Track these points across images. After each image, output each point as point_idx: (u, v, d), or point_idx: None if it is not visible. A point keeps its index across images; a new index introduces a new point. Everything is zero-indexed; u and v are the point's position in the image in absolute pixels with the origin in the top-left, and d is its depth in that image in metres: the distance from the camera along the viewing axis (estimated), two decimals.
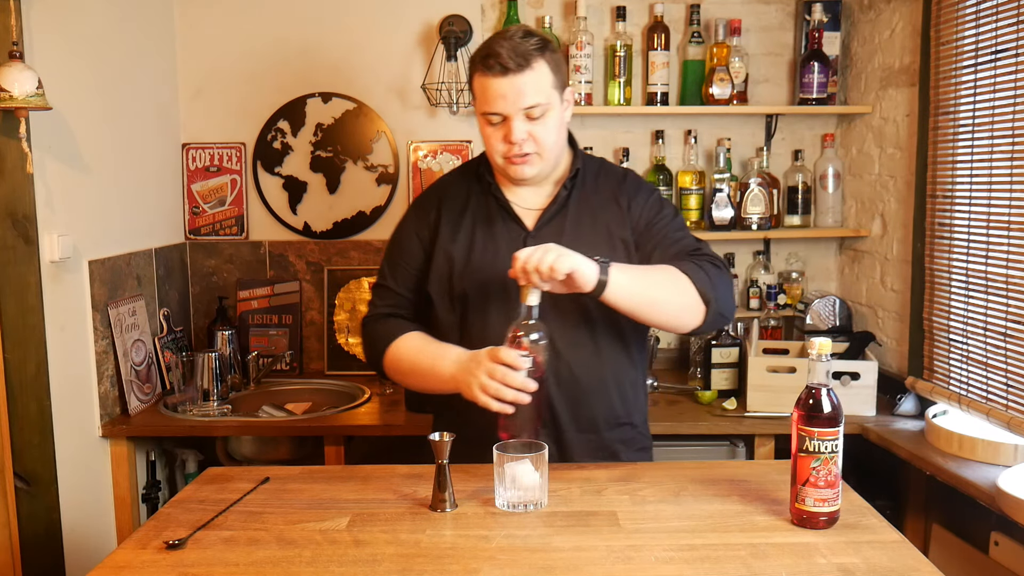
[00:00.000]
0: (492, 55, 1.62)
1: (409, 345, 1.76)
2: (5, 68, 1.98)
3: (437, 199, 1.84)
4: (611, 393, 1.79)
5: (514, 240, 1.75)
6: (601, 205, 1.78)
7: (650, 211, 1.79)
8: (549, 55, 1.66)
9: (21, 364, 2.14)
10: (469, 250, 1.77)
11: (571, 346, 1.73)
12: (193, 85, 3.05)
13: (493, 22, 3.03)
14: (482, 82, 1.66)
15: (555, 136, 1.70)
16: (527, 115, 1.65)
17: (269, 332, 3.07)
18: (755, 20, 3.04)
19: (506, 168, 1.71)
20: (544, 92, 1.65)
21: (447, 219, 1.80)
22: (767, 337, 2.96)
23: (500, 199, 1.77)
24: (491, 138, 1.69)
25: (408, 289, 1.84)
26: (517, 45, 1.62)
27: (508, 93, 1.63)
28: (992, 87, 2.24)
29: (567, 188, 1.77)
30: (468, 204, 1.81)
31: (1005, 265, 2.21)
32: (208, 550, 1.38)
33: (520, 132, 1.65)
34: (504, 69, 1.62)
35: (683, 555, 1.34)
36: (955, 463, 2.13)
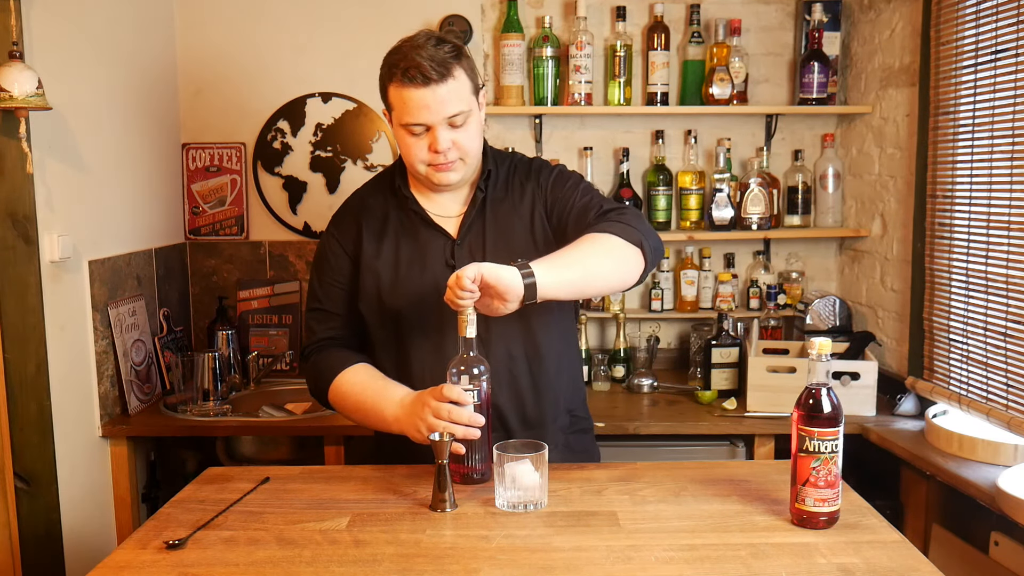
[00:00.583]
0: (413, 66, 1.59)
1: (353, 380, 1.73)
2: (5, 68, 1.98)
3: (356, 215, 1.81)
4: (555, 387, 1.80)
5: (440, 249, 1.74)
6: (516, 202, 1.77)
7: (555, 188, 1.77)
8: (464, 61, 1.65)
9: (21, 364, 2.14)
10: (395, 266, 1.75)
11: (504, 340, 1.73)
12: (193, 85, 3.05)
13: (493, 22, 3.03)
14: (401, 93, 1.62)
15: (477, 142, 1.70)
16: (450, 123, 1.63)
17: (269, 332, 3.07)
18: (755, 20, 3.04)
19: (429, 176, 1.69)
20: (465, 99, 1.64)
21: (368, 236, 1.77)
22: (767, 337, 2.96)
23: (419, 212, 1.76)
24: (412, 147, 1.66)
25: (343, 309, 1.80)
26: (434, 54, 1.59)
27: (431, 103, 1.60)
28: (992, 87, 2.24)
29: (482, 190, 1.76)
30: (388, 219, 1.79)
31: (1005, 265, 2.21)
32: (208, 550, 1.38)
33: (445, 141, 1.63)
34: (426, 79, 1.59)
35: (683, 555, 1.34)
36: (955, 463, 2.13)
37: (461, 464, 1.59)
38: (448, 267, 1.73)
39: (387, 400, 1.66)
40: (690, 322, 3.07)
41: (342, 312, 1.80)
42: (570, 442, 1.85)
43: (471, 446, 1.58)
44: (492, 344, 1.72)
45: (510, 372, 1.75)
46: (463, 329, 1.54)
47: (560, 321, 1.83)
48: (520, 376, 1.76)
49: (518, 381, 1.76)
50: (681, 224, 3.03)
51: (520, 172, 1.81)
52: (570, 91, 2.95)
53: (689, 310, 3.04)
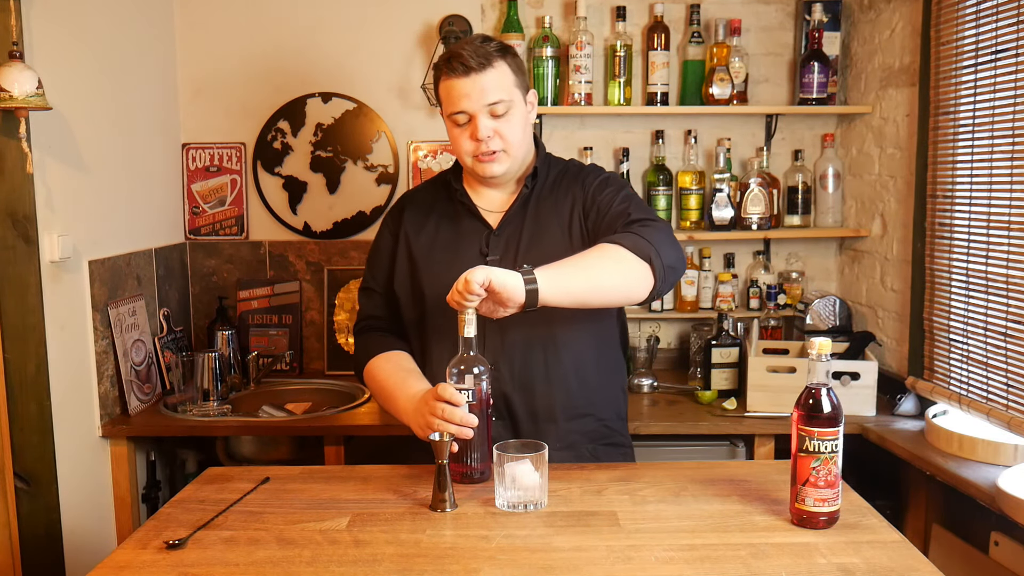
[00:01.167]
0: (455, 56, 1.68)
1: (381, 368, 1.81)
2: (5, 68, 1.98)
3: (403, 203, 1.92)
4: (569, 382, 1.78)
5: (477, 238, 1.79)
6: (558, 202, 1.81)
7: (596, 191, 1.80)
8: (510, 58, 1.73)
9: (21, 364, 2.14)
10: (431, 249, 1.82)
11: (523, 333, 1.74)
12: (193, 85, 3.05)
13: (493, 22, 3.03)
14: (447, 85, 1.71)
15: (520, 134, 1.74)
16: (491, 112, 1.70)
17: (269, 332, 3.07)
18: (755, 20, 3.04)
19: (475, 167, 1.75)
20: (506, 89, 1.70)
21: (411, 219, 1.87)
22: (767, 337, 2.96)
23: (466, 202, 1.82)
24: (459, 139, 1.74)
25: (386, 288, 1.89)
26: (478, 48, 1.69)
27: (472, 92, 1.68)
28: (992, 87, 2.24)
29: (528, 187, 1.80)
30: (434, 207, 1.87)
31: (1005, 265, 2.21)
32: (208, 550, 1.38)
33: (486, 129, 1.69)
34: (467, 68, 1.67)
35: (683, 555, 1.34)
36: (955, 463, 2.13)
37: (460, 463, 1.60)
38: (482, 255, 1.77)
39: (403, 394, 1.71)
40: (690, 322, 3.07)
41: (381, 292, 1.89)
42: (598, 453, 1.83)
43: (469, 445, 1.58)
44: (510, 329, 1.73)
45: (524, 358, 1.76)
46: (463, 329, 1.55)
47: (593, 323, 1.81)
48: (533, 365, 1.76)
49: (530, 370, 1.76)
50: (681, 224, 3.03)
51: (570, 175, 1.85)
52: (570, 91, 2.95)
53: (689, 310, 3.04)
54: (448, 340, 1.71)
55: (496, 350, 1.75)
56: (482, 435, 1.59)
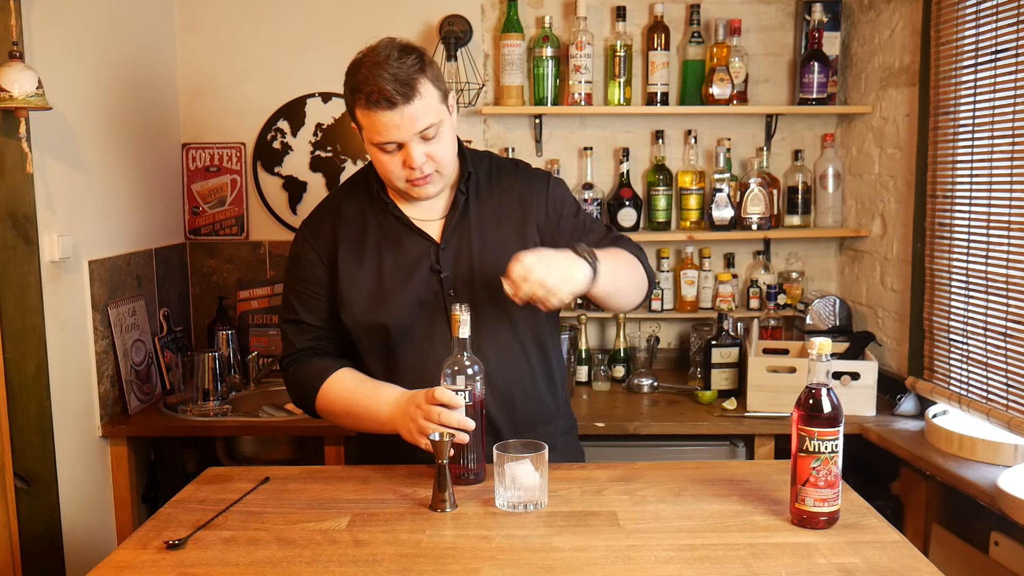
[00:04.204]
0: (375, 90, 1.54)
1: (342, 386, 1.71)
2: (5, 68, 1.98)
3: (331, 223, 1.76)
4: (542, 390, 1.80)
5: (425, 255, 1.72)
6: (503, 204, 1.76)
7: (558, 205, 1.78)
8: (429, 71, 1.59)
9: (21, 364, 2.14)
10: (379, 275, 1.71)
11: (499, 353, 1.72)
12: (193, 85, 3.05)
13: (493, 22, 3.03)
14: (369, 117, 1.58)
15: (451, 150, 1.67)
16: (422, 137, 1.60)
17: (269, 332, 3.07)
18: (755, 20, 3.04)
19: (408, 191, 1.67)
20: (434, 112, 1.60)
21: (346, 245, 1.73)
22: (767, 337, 2.96)
23: (400, 217, 1.73)
24: (387, 164, 1.63)
25: (322, 320, 1.76)
26: (397, 72, 1.54)
27: (401, 123, 1.57)
28: (992, 87, 2.24)
29: (463, 192, 1.74)
30: (366, 225, 1.74)
31: (1005, 265, 2.21)
32: (208, 550, 1.38)
33: (419, 157, 1.60)
34: (392, 104, 1.55)
35: (683, 555, 1.34)
36: (955, 463, 2.13)
37: (456, 464, 1.59)
38: (434, 272, 1.71)
39: (381, 401, 1.65)
40: (690, 322, 3.07)
41: (320, 323, 1.76)
42: (560, 443, 1.84)
43: (466, 446, 1.58)
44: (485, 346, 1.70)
45: (503, 374, 1.73)
46: (456, 330, 1.55)
47: (552, 324, 1.84)
48: (512, 379, 1.75)
49: (510, 384, 1.74)
50: (681, 224, 3.03)
51: (506, 173, 1.79)
52: (570, 91, 2.95)
53: (689, 310, 3.04)
54: (417, 358, 1.69)
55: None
56: (477, 436, 1.59)
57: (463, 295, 1.70)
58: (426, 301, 1.70)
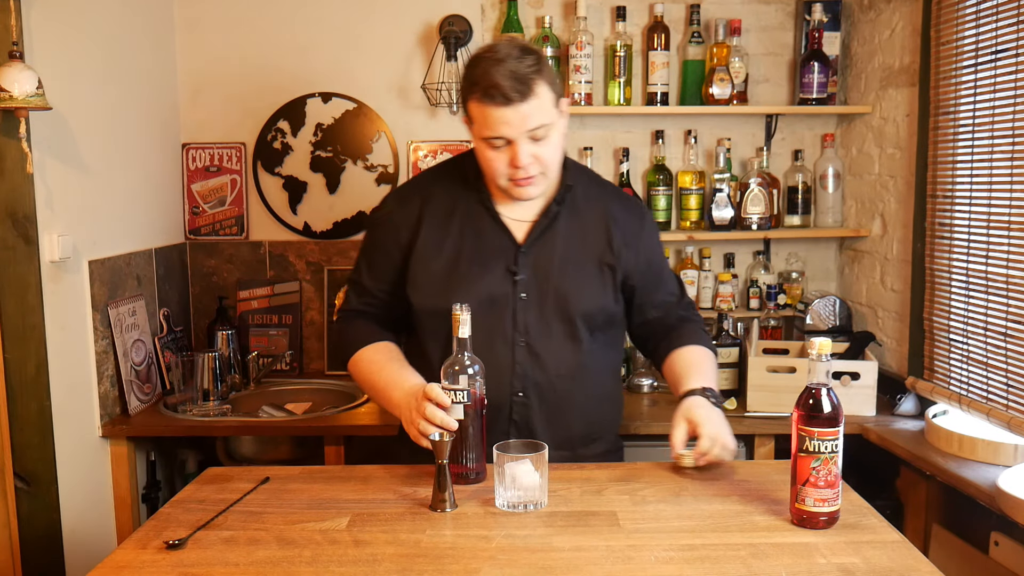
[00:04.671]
0: (493, 87, 1.57)
1: (372, 359, 1.76)
2: (5, 68, 1.98)
3: (420, 201, 1.78)
4: (590, 412, 1.81)
5: (504, 254, 1.73)
6: (591, 225, 1.77)
7: (647, 252, 1.81)
8: (546, 73, 1.62)
9: (21, 364, 2.14)
10: (456, 262, 1.73)
11: (554, 358, 1.74)
12: (193, 85, 3.05)
13: (493, 22, 3.03)
14: (482, 110, 1.61)
15: (558, 154, 1.69)
16: (532, 137, 1.62)
17: (269, 332, 3.07)
18: (755, 20, 3.04)
19: (510, 189, 1.68)
20: (547, 114, 1.62)
21: (431, 223, 1.75)
22: (767, 337, 2.96)
23: (491, 210, 1.75)
24: (493, 161, 1.65)
25: (383, 289, 1.81)
26: (516, 70, 1.57)
27: (512, 120, 1.59)
28: (992, 87, 2.24)
29: (558, 203, 1.75)
30: (455, 210, 1.76)
31: (1005, 265, 2.21)
32: (208, 550, 1.38)
33: (526, 156, 1.62)
34: (507, 100, 1.58)
35: (683, 555, 1.34)
36: (955, 463, 2.13)
37: (456, 464, 1.60)
38: (509, 272, 1.72)
39: (396, 387, 1.68)
40: None
41: (381, 291, 1.81)
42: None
43: (465, 446, 1.58)
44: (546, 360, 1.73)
45: (554, 390, 1.75)
46: (457, 329, 1.55)
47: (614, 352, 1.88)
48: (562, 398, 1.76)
49: (559, 402, 1.76)
50: (681, 224, 3.03)
51: (601, 199, 1.81)
52: (570, 91, 2.95)
53: None
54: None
55: (524, 377, 1.74)
56: (477, 436, 1.59)
57: (533, 301, 1.72)
58: (496, 298, 1.71)
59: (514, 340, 1.72)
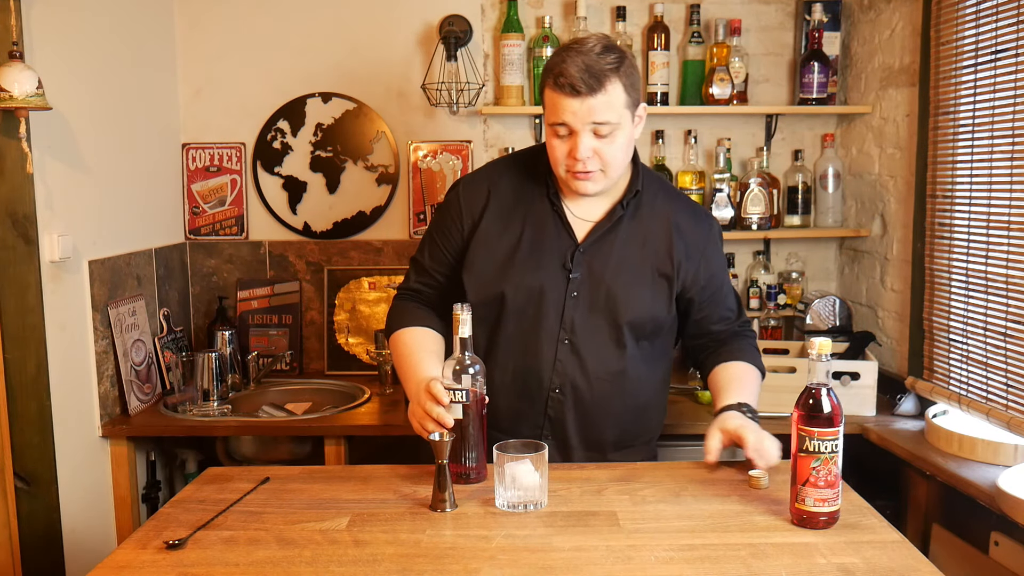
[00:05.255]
0: (564, 75, 1.58)
1: (405, 342, 1.78)
2: (5, 68, 1.98)
3: (487, 187, 1.79)
4: (626, 420, 1.80)
5: (562, 251, 1.73)
6: (654, 233, 1.76)
7: (716, 266, 1.81)
8: (625, 73, 1.61)
9: (21, 364, 2.14)
10: (514, 252, 1.74)
11: (596, 360, 1.74)
12: (193, 85, 3.05)
13: (493, 22, 3.03)
14: (552, 97, 1.62)
15: (622, 155, 1.67)
16: (595, 132, 1.61)
17: (269, 332, 3.07)
18: (755, 20, 3.04)
19: (568, 180, 1.68)
20: (615, 112, 1.61)
21: (495, 211, 1.76)
22: (767, 337, 2.95)
23: (556, 204, 1.74)
24: (556, 149, 1.65)
25: (439, 271, 1.83)
26: (592, 64, 1.57)
27: (578, 111, 1.59)
28: (992, 87, 2.24)
29: (624, 207, 1.74)
30: (521, 201, 1.77)
31: (1005, 265, 2.21)
32: (208, 550, 1.38)
33: (586, 149, 1.62)
34: (575, 91, 1.58)
35: (683, 555, 1.34)
36: (955, 463, 2.13)
37: (456, 463, 1.60)
38: (565, 271, 1.72)
39: (415, 376, 1.69)
40: None
41: (436, 273, 1.84)
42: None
43: (465, 445, 1.59)
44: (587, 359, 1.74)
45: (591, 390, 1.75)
46: (458, 329, 1.55)
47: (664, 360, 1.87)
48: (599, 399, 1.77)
49: (596, 403, 1.77)
50: None
51: (668, 207, 1.79)
52: None
53: None
54: (519, 345, 1.73)
55: (564, 374, 1.74)
56: (478, 436, 1.59)
57: (583, 301, 1.72)
58: (547, 293, 1.71)
59: (559, 337, 1.72)
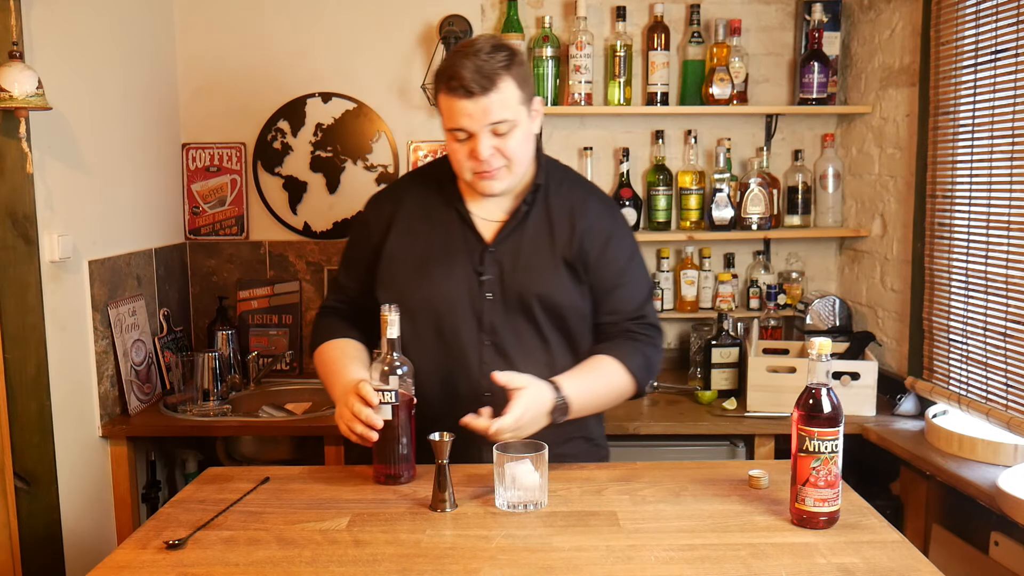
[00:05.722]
0: (456, 78, 1.59)
1: (329, 355, 1.80)
2: (5, 68, 1.97)
3: (392, 205, 1.81)
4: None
5: (471, 253, 1.73)
6: (558, 221, 1.75)
7: (617, 255, 1.77)
8: (516, 70, 1.63)
9: (21, 364, 2.14)
10: (424, 262, 1.74)
11: (521, 358, 1.72)
12: (193, 85, 3.05)
13: (493, 22, 3.03)
14: (447, 101, 1.63)
15: (523, 150, 1.68)
16: (493, 131, 1.63)
17: (269, 332, 3.07)
18: (755, 20, 3.04)
19: (475, 183, 1.69)
20: (511, 109, 1.63)
21: (402, 225, 1.78)
22: (767, 337, 2.96)
23: (461, 210, 1.75)
24: (458, 153, 1.67)
25: (356, 288, 1.84)
26: (482, 65, 1.58)
27: (473, 112, 1.61)
28: (992, 87, 2.24)
29: (527, 203, 1.74)
30: (427, 211, 1.78)
31: (1005, 265, 2.21)
32: (208, 550, 1.38)
33: (487, 149, 1.63)
34: (468, 92, 1.59)
35: (683, 555, 1.34)
36: (955, 463, 2.13)
37: (385, 465, 1.62)
38: (476, 274, 1.72)
39: (340, 382, 1.69)
40: (690, 322, 3.07)
41: (353, 288, 1.85)
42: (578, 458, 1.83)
43: (393, 447, 1.60)
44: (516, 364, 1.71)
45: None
46: (386, 330, 1.56)
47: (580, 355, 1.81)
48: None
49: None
50: (681, 224, 3.03)
51: (572, 199, 1.78)
52: (570, 91, 2.95)
53: (689, 310, 3.04)
54: (435, 353, 1.73)
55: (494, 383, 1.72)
56: (407, 437, 1.60)
57: (498, 301, 1.72)
58: (462, 298, 1.71)
59: (480, 340, 1.72)
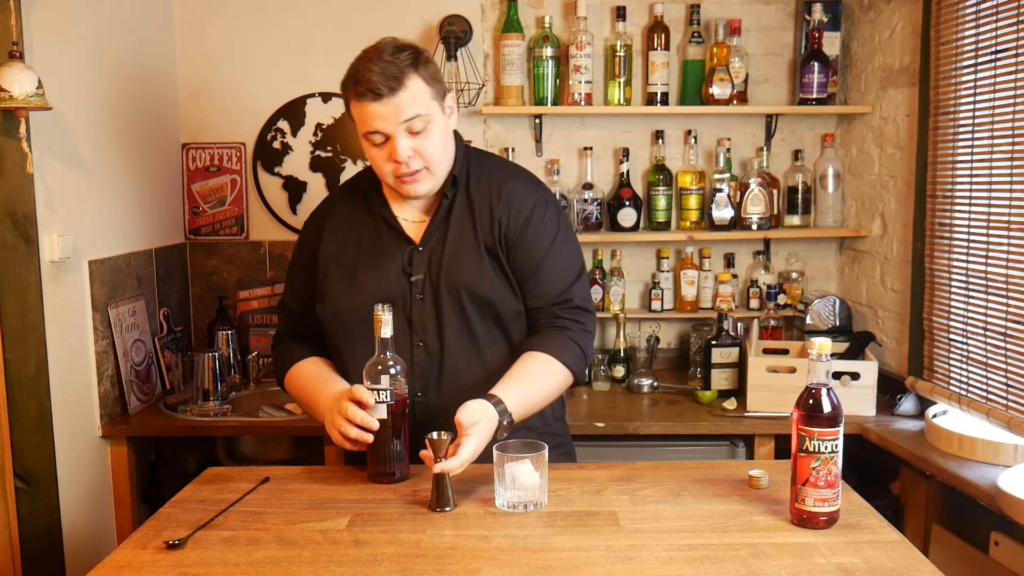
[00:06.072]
0: (362, 82, 1.59)
1: (301, 375, 1.79)
2: (5, 68, 1.98)
3: (322, 219, 1.81)
4: None
5: (400, 256, 1.72)
6: (480, 209, 1.73)
7: (538, 236, 1.73)
8: (422, 68, 1.62)
9: (21, 364, 2.14)
10: (355, 272, 1.74)
11: (452, 357, 1.72)
12: (193, 85, 3.05)
13: (493, 22, 3.03)
14: (358, 107, 1.62)
15: (442, 148, 1.67)
16: (408, 130, 1.62)
17: (269, 332, 3.07)
18: (755, 20, 3.04)
19: (397, 187, 1.69)
20: (422, 105, 1.62)
21: (331, 237, 1.77)
22: (767, 337, 2.96)
23: (386, 215, 1.75)
24: (377, 159, 1.67)
25: (302, 307, 1.82)
26: (387, 66, 1.58)
27: (386, 113, 1.60)
28: (992, 87, 2.24)
29: (447, 196, 1.74)
30: (354, 221, 1.78)
31: (1005, 265, 2.21)
32: (208, 550, 1.38)
33: (405, 150, 1.62)
34: (376, 95, 1.58)
35: (683, 555, 1.34)
36: (955, 463, 2.13)
37: (378, 463, 1.62)
38: (405, 274, 1.71)
39: (324, 395, 1.69)
40: (690, 322, 3.07)
41: (298, 308, 1.84)
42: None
43: (389, 446, 1.60)
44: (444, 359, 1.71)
45: (453, 385, 1.72)
46: (379, 330, 1.56)
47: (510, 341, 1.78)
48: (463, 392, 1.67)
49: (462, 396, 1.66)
50: (681, 224, 3.03)
51: (492, 185, 1.75)
52: (570, 91, 2.95)
53: (689, 310, 3.04)
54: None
55: (424, 377, 1.72)
56: (400, 435, 1.60)
57: (429, 300, 1.71)
58: (394, 301, 1.69)
59: (412, 341, 1.71)
